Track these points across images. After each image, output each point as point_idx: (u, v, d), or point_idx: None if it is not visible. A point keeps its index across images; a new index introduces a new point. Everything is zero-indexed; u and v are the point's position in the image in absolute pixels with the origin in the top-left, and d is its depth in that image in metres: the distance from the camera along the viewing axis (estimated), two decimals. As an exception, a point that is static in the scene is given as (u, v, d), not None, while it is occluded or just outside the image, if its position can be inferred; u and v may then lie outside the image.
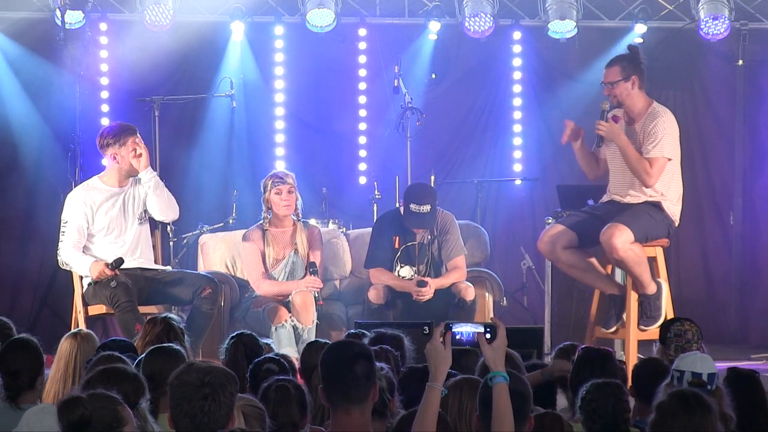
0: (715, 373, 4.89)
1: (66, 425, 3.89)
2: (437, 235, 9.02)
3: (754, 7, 11.59)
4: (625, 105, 8.36)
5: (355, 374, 4.19)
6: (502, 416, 4.17)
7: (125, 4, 11.41)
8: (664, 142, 8.21)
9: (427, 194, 8.99)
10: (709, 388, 4.82)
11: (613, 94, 8.36)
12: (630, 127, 8.37)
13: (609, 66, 8.44)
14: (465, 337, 4.37)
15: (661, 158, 8.21)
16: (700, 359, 4.92)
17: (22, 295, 11.25)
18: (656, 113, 8.31)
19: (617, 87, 8.33)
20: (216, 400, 3.87)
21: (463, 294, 8.89)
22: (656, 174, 8.21)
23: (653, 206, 8.29)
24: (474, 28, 11.43)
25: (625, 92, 8.33)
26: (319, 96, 11.87)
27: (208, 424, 3.86)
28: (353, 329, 6.91)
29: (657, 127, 8.23)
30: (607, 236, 8.08)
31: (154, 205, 8.61)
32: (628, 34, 11.61)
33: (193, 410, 3.86)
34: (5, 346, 5.30)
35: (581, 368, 5.29)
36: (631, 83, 8.32)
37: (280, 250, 9.06)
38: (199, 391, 3.87)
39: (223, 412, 3.88)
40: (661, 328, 6.36)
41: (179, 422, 3.89)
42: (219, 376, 3.91)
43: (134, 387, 4.40)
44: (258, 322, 8.79)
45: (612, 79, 8.35)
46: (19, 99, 11.26)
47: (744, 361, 9.70)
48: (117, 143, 8.48)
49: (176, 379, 3.93)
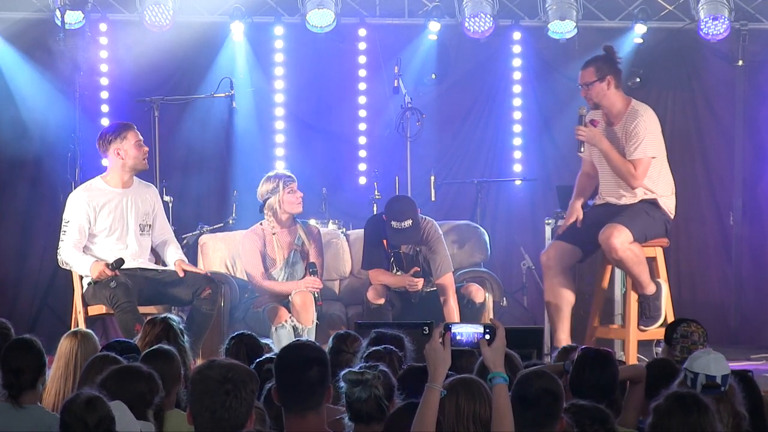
0: (729, 374, 4.89)
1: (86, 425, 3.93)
2: (422, 246, 9.01)
3: (754, 7, 11.59)
4: (602, 106, 8.34)
5: (309, 380, 4.20)
6: (501, 417, 4.17)
7: (125, 5, 11.41)
8: (646, 142, 8.20)
9: (406, 209, 8.90)
10: (722, 390, 4.82)
11: (589, 96, 8.34)
12: (610, 128, 8.35)
13: (584, 68, 8.42)
14: (464, 338, 4.36)
15: (644, 158, 8.21)
16: (714, 360, 4.90)
17: (22, 295, 11.25)
18: (636, 112, 8.28)
19: (593, 88, 8.31)
20: (237, 396, 3.88)
21: (473, 296, 8.93)
22: (641, 175, 8.21)
23: (650, 204, 8.29)
24: (474, 29, 11.44)
25: (601, 93, 8.30)
26: (319, 96, 11.88)
27: (228, 420, 3.87)
28: (353, 329, 6.91)
29: (638, 128, 8.21)
30: (606, 236, 8.08)
31: (165, 256, 8.65)
32: (627, 34, 11.63)
33: (214, 405, 3.86)
34: (8, 346, 5.31)
35: (581, 369, 5.28)
36: (606, 83, 8.29)
37: (280, 250, 9.06)
38: (222, 386, 3.88)
39: (243, 408, 3.89)
40: (667, 328, 6.36)
41: (199, 416, 3.89)
42: (241, 373, 3.93)
43: (150, 386, 4.42)
44: (258, 323, 8.79)
45: (587, 80, 8.33)
46: (18, 99, 11.26)
47: (744, 361, 9.70)
48: (118, 138, 8.48)
49: (198, 374, 3.94)
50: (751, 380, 5.24)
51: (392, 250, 9.06)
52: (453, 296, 8.87)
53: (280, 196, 8.97)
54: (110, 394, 4.35)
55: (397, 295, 8.99)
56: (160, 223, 8.71)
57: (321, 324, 8.84)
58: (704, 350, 5.13)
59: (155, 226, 8.65)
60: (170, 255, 8.61)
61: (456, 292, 8.94)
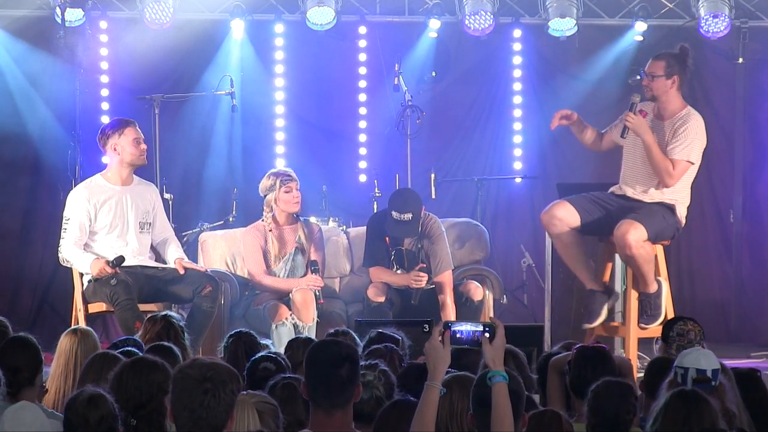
0: (719, 369, 4.90)
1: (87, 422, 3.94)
2: (423, 241, 9.01)
3: (754, 5, 11.58)
4: (659, 101, 8.30)
5: (340, 377, 4.17)
6: (502, 416, 4.16)
7: (125, 2, 11.41)
8: (692, 146, 8.15)
9: (409, 201, 8.92)
10: (713, 384, 4.82)
11: (650, 87, 8.30)
12: (659, 121, 8.31)
13: (656, 58, 8.35)
14: (465, 336, 4.36)
15: (685, 162, 8.16)
16: (704, 355, 4.92)
17: (22, 293, 11.25)
18: (690, 116, 8.24)
19: (657, 81, 8.26)
20: (216, 396, 3.86)
21: (472, 294, 8.92)
22: (678, 176, 8.16)
23: (667, 209, 8.25)
24: (474, 26, 11.44)
25: (663, 88, 8.26)
26: (319, 94, 11.87)
27: (206, 419, 3.85)
28: (353, 328, 6.91)
29: (689, 130, 8.17)
30: (622, 232, 8.04)
31: (166, 254, 8.65)
32: (628, 32, 11.63)
33: (193, 404, 3.85)
34: (4, 344, 5.31)
35: (582, 368, 5.27)
36: (671, 81, 8.25)
37: (281, 247, 9.06)
38: (201, 385, 3.86)
39: (222, 408, 3.87)
40: (663, 326, 6.35)
41: (179, 415, 3.89)
42: (221, 373, 3.92)
43: (165, 375, 4.42)
44: (258, 320, 8.80)
45: (655, 72, 8.27)
46: (19, 97, 11.26)
47: (744, 359, 9.71)
48: (116, 133, 8.46)
49: (179, 372, 3.94)
50: (759, 379, 5.24)
51: (393, 247, 9.05)
52: (450, 294, 8.87)
53: (276, 194, 8.99)
54: (127, 386, 4.36)
55: (397, 293, 8.99)
56: (160, 221, 8.70)
57: (321, 322, 8.84)
58: (694, 348, 5.15)
59: (155, 224, 8.65)
60: (170, 253, 8.60)
61: (455, 290, 8.93)
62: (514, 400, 4.22)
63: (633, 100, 8.29)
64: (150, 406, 4.40)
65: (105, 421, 4.19)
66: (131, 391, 4.39)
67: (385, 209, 9.32)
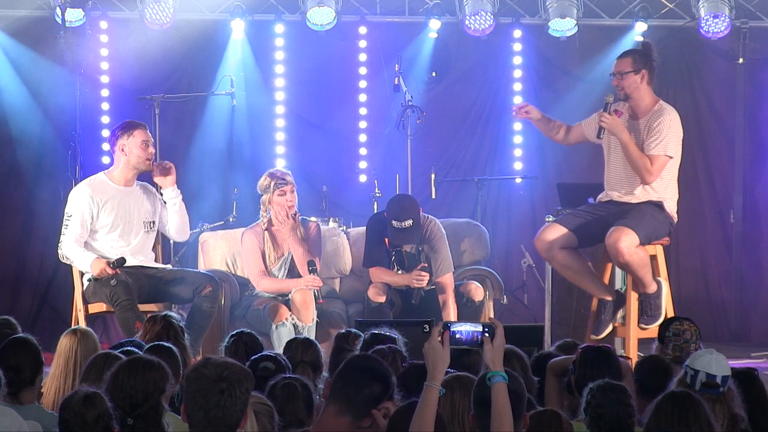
0: (729, 375, 4.89)
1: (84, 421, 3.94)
2: (425, 244, 9.02)
3: (755, 5, 11.59)
4: (631, 98, 8.33)
5: (371, 392, 4.20)
6: (501, 416, 4.16)
7: (126, 3, 11.41)
8: (667, 140, 8.18)
9: (407, 208, 8.93)
10: (721, 390, 4.82)
11: (621, 86, 8.33)
12: (633, 121, 8.35)
13: (621, 57, 8.41)
14: (464, 336, 4.36)
15: (663, 156, 8.19)
16: (716, 360, 4.91)
17: (22, 293, 11.25)
18: (662, 111, 8.28)
19: (626, 78, 8.30)
20: (232, 395, 3.87)
21: (472, 294, 8.93)
22: (657, 171, 8.19)
23: (655, 206, 8.27)
24: (474, 27, 11.44)
25: (634, 85, 8.30)
26: (320, 94, 11.87)
27: (222, 419, 3.86)
28: (353, 327, 6.91)
29: (662, 125, 8.20)
30: (613, 240, 8.05)
31: (173, 224, 8.63)
32: (628, 32, 11.64)
33: (209, 404, 3.86)
34: (5, 344, 5.31)
35: (586, 369, 5.27)
36: (640, 77, 8.29)
37: (279, 247, 9.06)
38: (216, 385, 3.87)
39: (237, 408, 3.88)
40: (660, 327, 6.37)
41: (193, 415, 3.89)
42: (236, 372, 3.92)
43: (161, 374, 4.42)
44: (258, 321, 8.80)
45: (622, 70, 8.32)
46: (19, 97, 11.27)
47: (744, 359, 9.70)
48: (125, 134, 8.47)
49: (193, 372, 3.94)
50: (756, 379, 5.24)
51: (393, 248, 9.06)
52: (451, 296, 8.88)
53: (270, 196, 9.01)
54: (123, 385, 4.36)
55: (397, 294, 9.00)
56: (163, 219, 8.71)
57: (321, 322, 8.85)
58: (707, 350, 5.13)
59: (161, 219, 8.66)
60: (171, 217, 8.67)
61: (455, 291, 8.94)
62: (515, 401, 4.22)
63: (607, 100, 8.35)
64: (147, 405, 4.39)
65: (101, 420, 4.19)
66: (128, 390, 4.38)
67: (383, 211, 9.33)
